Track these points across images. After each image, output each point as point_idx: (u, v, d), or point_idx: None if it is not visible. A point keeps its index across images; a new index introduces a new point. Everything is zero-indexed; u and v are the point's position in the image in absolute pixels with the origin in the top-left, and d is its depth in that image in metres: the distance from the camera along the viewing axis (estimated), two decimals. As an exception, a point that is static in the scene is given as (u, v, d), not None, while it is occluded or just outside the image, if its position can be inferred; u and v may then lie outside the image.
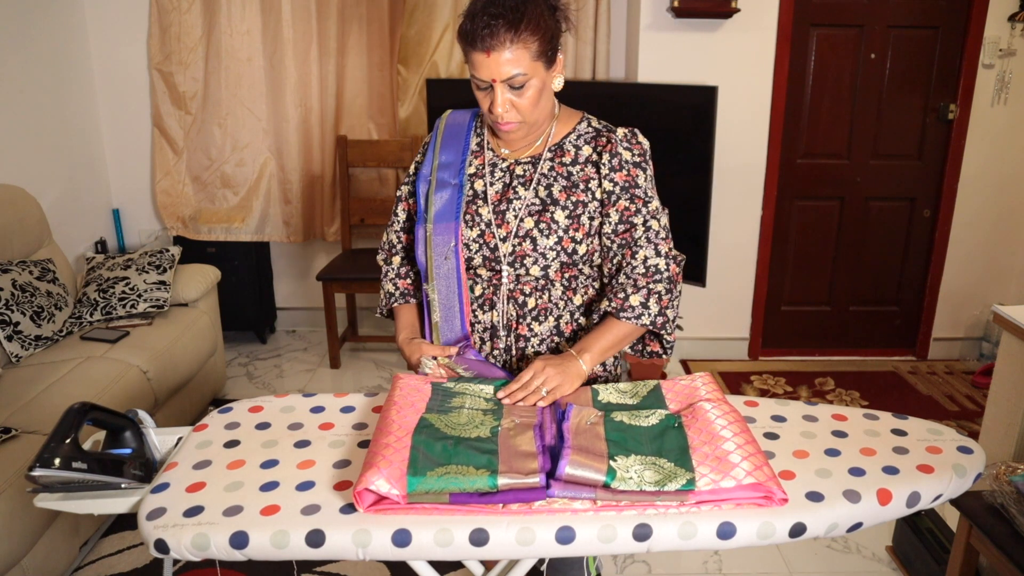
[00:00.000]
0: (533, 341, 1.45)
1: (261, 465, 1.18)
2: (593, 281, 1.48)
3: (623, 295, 1.38)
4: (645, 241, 1.40)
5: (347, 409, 1.36)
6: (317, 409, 1.36)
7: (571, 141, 1.45)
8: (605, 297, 1.41)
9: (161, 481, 1.15)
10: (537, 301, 1.44)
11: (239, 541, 1.02)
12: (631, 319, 1.37)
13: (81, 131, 3.58)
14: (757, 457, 1.09)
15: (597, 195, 1.43)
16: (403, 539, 1.02)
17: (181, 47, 3.59)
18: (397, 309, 1.58)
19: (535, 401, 1.28)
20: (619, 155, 1.41)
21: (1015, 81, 3.39)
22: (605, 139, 1.44)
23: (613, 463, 1.08)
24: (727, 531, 1.04)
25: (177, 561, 1.66)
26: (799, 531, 1.05)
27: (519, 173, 1.45)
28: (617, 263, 1.42)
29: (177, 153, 3.76)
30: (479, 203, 1.45)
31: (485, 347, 1.48)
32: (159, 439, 1.30)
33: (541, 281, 1.43)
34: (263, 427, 1.30)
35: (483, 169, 1.47)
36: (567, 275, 1.44)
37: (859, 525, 1.09)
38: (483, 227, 1.43)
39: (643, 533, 1.04)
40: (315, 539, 1.03)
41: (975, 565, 1.86)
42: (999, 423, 2.13)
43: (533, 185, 1.43)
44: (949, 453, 1.20)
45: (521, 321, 1.44)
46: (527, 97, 1.34)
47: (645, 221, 1.41)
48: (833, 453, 1.20)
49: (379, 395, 1.40)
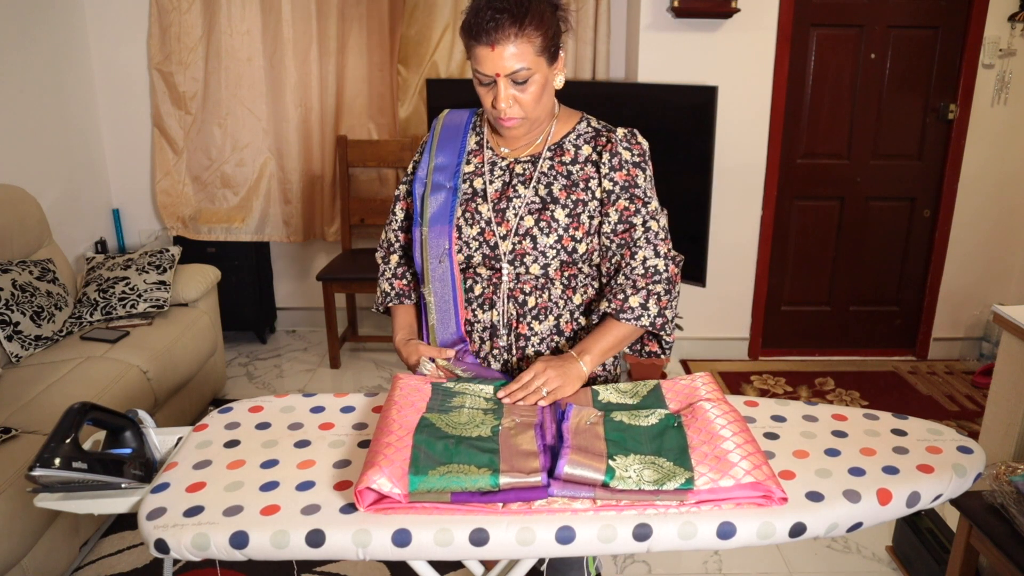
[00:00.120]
0: (533, 340, 1.45)
1: (261, 465, 1.18)
2: (592, 280, 1.48)
3: (622, 296, 1.38)
4: (644, 242, 1.40)
5: (347, 409, 1.36)
6: (317, 409, 1.36)
7: (571, 140, 1.45)
8: (604, 298, 1.42)
9: (161, 481, 1.15)
10: (537, 300, 1.44)
11: (239, 541, 1.03)
12: (631, 320, 1.37)
13: (81, 131, 3.58)
14: (756, 456, 1.09)
15: (597, 194, 1.43)
16: (403, 539, 1.02)
17: (181, 47, 3.59)
18: (394, 309, 1.58)
19: (535, 401, 1.28)
20: (619, 155, 1.41)
21: (1015, 81, 3.39)
22: (605, 139, 1.44)
23: (612, 462, 1.08)
24: (727, 531, 1.04)
25: (177, 561, 1.66)
26: (799, 531, 1.06)
27: (519, 172, 1.45)
28: (616, 263, 1.42)
29: (177, 153, 3.76)
30: (478, 201, 1.44)
31: (485, 346, 1.48)
32: (159, 439, 1.30)
33: (541, 280, 1.43)
34: (263, 427, 1.30)
35: (482, 167, 1.47)
36: (567, 274, 1.44)
37: (859, 525, 1.09)
38: (483, 225, 1.43)
39: (643, 533, 1.04)
40: (315, 539, 1.03)
41: (975, 565, 1.86)
42: (999, 423, 2.13)
43: (533, 183, 1.43)
44: (949, 453, 1.20)
45: (521, 320, 1.44)
46: (530, 93, 1.34)
47: (644, 221, 1.41)
48: (833, 453, 1.21)
49: (379, 395, 1.40)
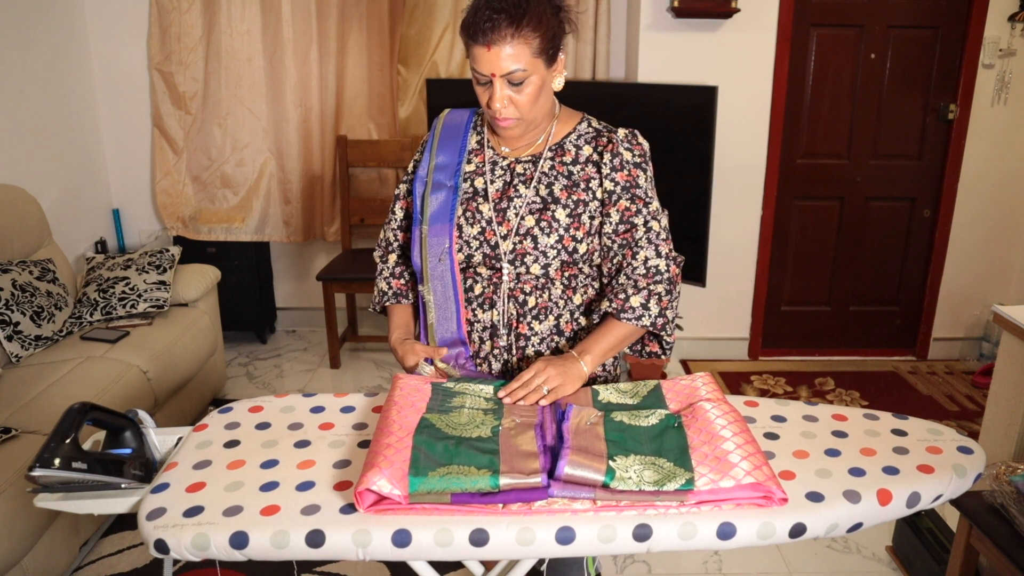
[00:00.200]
0: (533, 340, 1.45)
1: (261, 465, 1.18)
2: (593, 281, 1.48)
3: (623, 296, 1.38)
4: (646, 242, 1.40)
5: (347, 409, 1.36)
6: (317, 409, 1.36)
7: (571, 141, 1.45)
8: (605, 298, 1.41)
9: (161, 481, 1.15)
10: (537, 300, 1.44)
11: (239, 541, 1.02)
12: (632, 320, 1.37)
13: (81, 131, 3.58)
14: (756, 457, 1.09)
15: (598, 195, 1.43)
16: (403, 539, 1.02)
17: (181, 47, 3.59)
18: (390, 309, 1.58)
19: (536, 400, 1.28)
20: (620, 155, 1.41)
21: (1015, 81, 3.39)
22: (606, 139, 1.44)
23: (612, 463, 1.08)
24: (727, 531, 1.04)
25: (177, 561, 1.66)
26: (799, 531, 1.06)
27: (519, 171, 1.45)
28: (617, 263, 1.42)
29: (177, 153, 3.76)
30: (479, 200, 1.44)
31: (485, 346, 1.47)
32: (159, 439, 1.30)
33: (541, 280, 1.43)
34: (263, 427, 1.30)
35: (483, 167, 1.47)
36: (567, 274, 1.44)
37: (859, 525, 1.09)
38: (484, 224, 1.43)
39: (643, 533, 1.04)
40: (315, 539, 1.03)
41: (975, 565, 1.86)
42: (999, 423, 2.13)
43: (534, 183, 1.43)
44: (949, 453, 1.20)
45: (521, 320, 1.44)
46: (526, 94, 1.34)
47: (646, 222, 1.41)
48: (833, 453, 1.20)
49: (379, 395, 1.40)
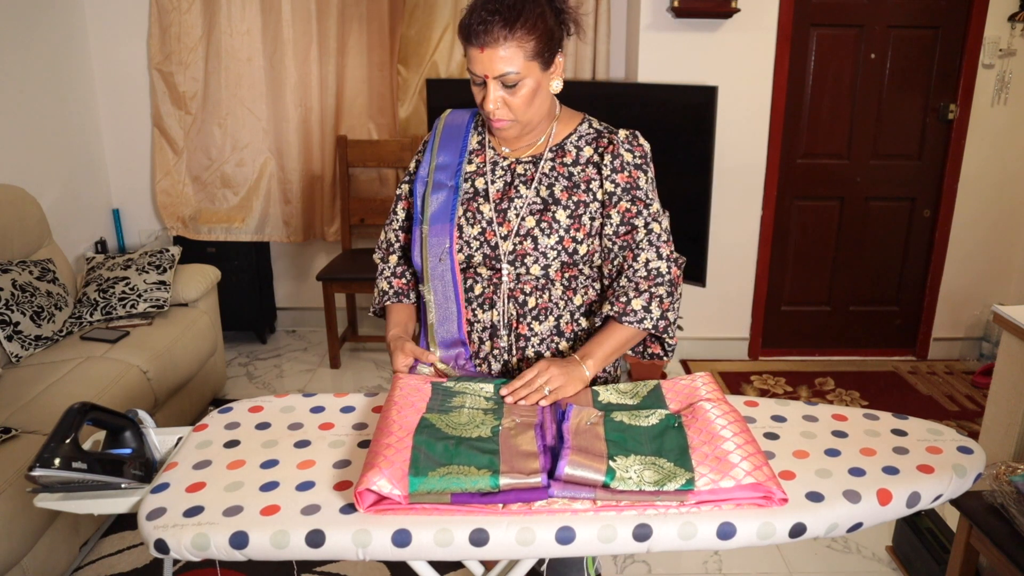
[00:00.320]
0: (533, 341, 1.45)
1: (261, 465, 1.18)
2: (593, 282, 1.48)
3: (625, 299, 1.38)
4: (647, 244, 1.40)
5: (347, 409, 1.36)
6: (317, 409, 1.36)
7: (572, 142, 1.45)
8: (607, 301, 1.41)
9: (161, 481, 1.15)
10: (537, 300, 1.44)
11: (239, 541, 1.02)
12: (633, 323, 1.37)
13: (81, 131, 3.58)
14: (757, 457, 1.09)
15: (598, 196, 1.42)
16: (403, 539, 1.02)
17: (181, 47, 3.59)
18: (390, 307, 1.57)
19: (537, 400, 1.28)
20: (621, 156, 1.41)
21: (1015, 81, 3.39)
22: (607, 140, 1.44)
23: (613, 463, 1.08)
24: (727, 531, 1.04)
25: (177, 561, 1.66)
26: (799, 531, 1.06)
27: (520, 172, 1.45)
28: (618, 265, 1.42)
29: (177, 153, 3.76)
30: (480, 201, 1.44)
31: (485, 346, 1.47)
32: (159, 439, 1.30)
33: (541, 280, 1.43)
34: (263, 427, 1.30)
35: (484, 167, 1.47)
36: (567, 275, 1.44)
37: (859, 525, 1.09)
38: (484, 225, 1.43)
39: (643, 533, 1.04)
40: (315, 539, 1.03)
41: (975, 565, 1.86)
42: (999, 423, 2.13)
43: (534, 184, 1.43)
44: (949, 453, 1.20)
45: (521, 320, 1.44)
46: (520, 96, 1.33)
47: (647, 223, 1.40)
48: (833, 453, 1.20)
49: (379, 395, 1.40)
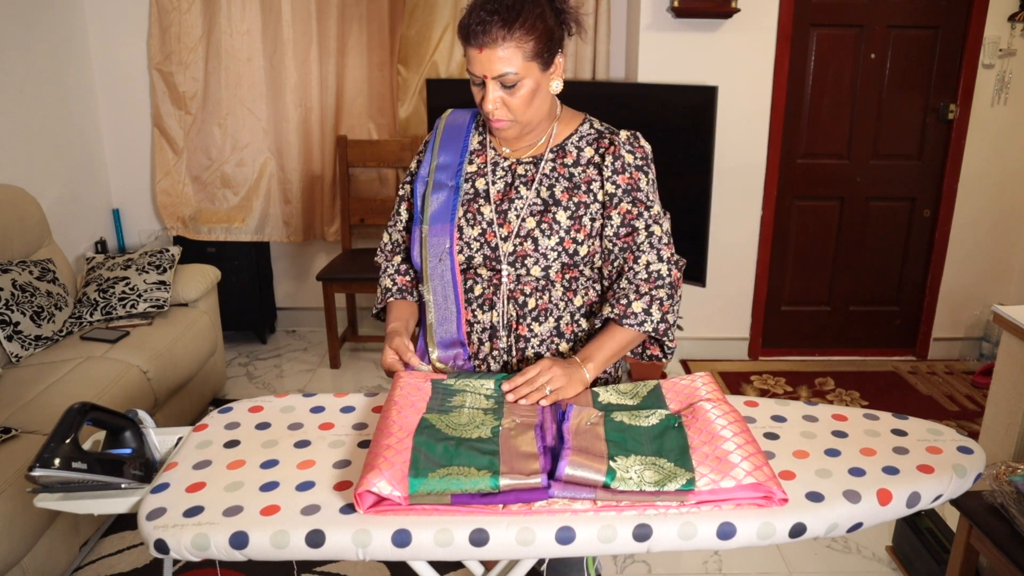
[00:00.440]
0: (533, 342, 1.45)
1: (261, 465, 1.18)
2: (593, 283, 1.48)
3: (625, 301, 1.38)
4: (648, 246, 1.39)
5: (347, 409, 1.36)
6: (317, 409, 1.36)
7: (573, 142, 1.45)
8: (607, 303, 1.41)
9: (161, 481, 1.15)
10: (537, 301, 1.43)
11: (239, 541, 1.02)
12: (634, 326, 1.37)
13: (81, 131, 3.58)
14: (757, 457, 1.09)
15: (599, 197, 1.42)
16: (403, 539, 1.02)
17: (181, 47, 3.59)
18: (391, 303, 1.56)
19: (538, 399, 1.28)
20: (622, 158, 1.41)
21: (1015, 81, 3.39)
22: (608, 141, 1.43)
23: (613, 463, 1.08)
24: (727, 531, 1.04)
25: (177, 561, 1.66)
26: (799, 531, 1.06)
27: (521, 173, 1.45)
28: (618, 266, 1.42)
29: (177, 153, 3.76)
30: (480, 202, 1.44)
31: (484, 347, 1.47)
32: (159, 439, 1.30)
33: (542, 281, 1.43)
34: (263, 427, 1.30)
35: (485, 167, 1.47)
36: (568, 276, 1.44)
37: (859, 525, 1.09)
38: (484, 226, 1.43)
39: (643, 533, 1.04)
40: (315, 539, 1.03)
41: (975, 565, 1.86)
42: (999, 423, 2.13)
43: (535, 185, 1.43)
44: (949, 453, 1.20)
45: (521, 321, 1.44)
46: (519, 97, 1.33)
47: (647, 225, 1.40)
48: (833, 453, 1.20)
49: (379, 395, 1.40)
